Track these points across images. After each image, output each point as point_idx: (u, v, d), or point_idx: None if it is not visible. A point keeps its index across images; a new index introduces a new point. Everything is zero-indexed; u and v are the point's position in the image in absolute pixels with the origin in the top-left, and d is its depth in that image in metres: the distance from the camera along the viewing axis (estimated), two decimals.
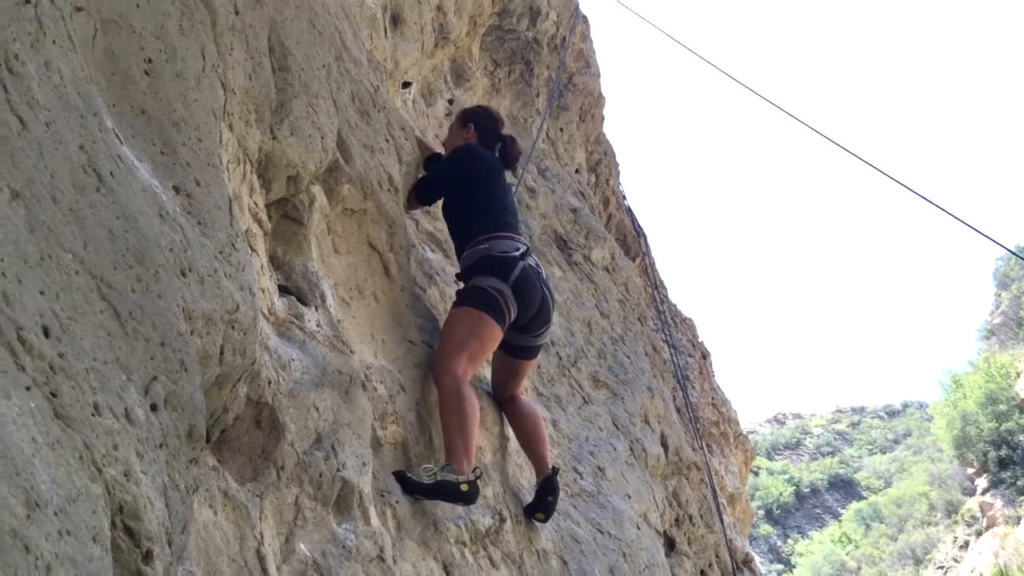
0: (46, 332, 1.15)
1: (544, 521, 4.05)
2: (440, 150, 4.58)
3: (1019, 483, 40.74)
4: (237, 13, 2.58)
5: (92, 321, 1.29)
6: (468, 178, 4.18)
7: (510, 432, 4.28)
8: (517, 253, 3.91)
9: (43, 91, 1.40)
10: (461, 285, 4.02)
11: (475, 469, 3.32)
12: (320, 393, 2.63)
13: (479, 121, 4.52)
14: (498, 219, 4.06)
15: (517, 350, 4.15)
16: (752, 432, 53.93)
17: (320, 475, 2.48)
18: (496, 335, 3.78)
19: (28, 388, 1.07)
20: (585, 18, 10.04)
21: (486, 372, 4.43)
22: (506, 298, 3.76)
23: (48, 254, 1.22)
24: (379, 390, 3.18)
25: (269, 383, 2.32)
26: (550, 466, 4.08)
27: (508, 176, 4.72)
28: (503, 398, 4.28)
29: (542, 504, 4.00)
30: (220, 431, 2.14)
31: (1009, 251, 8.85)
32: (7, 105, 1.26)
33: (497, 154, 4.47)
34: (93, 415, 1.21)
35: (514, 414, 4.21)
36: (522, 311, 3.87)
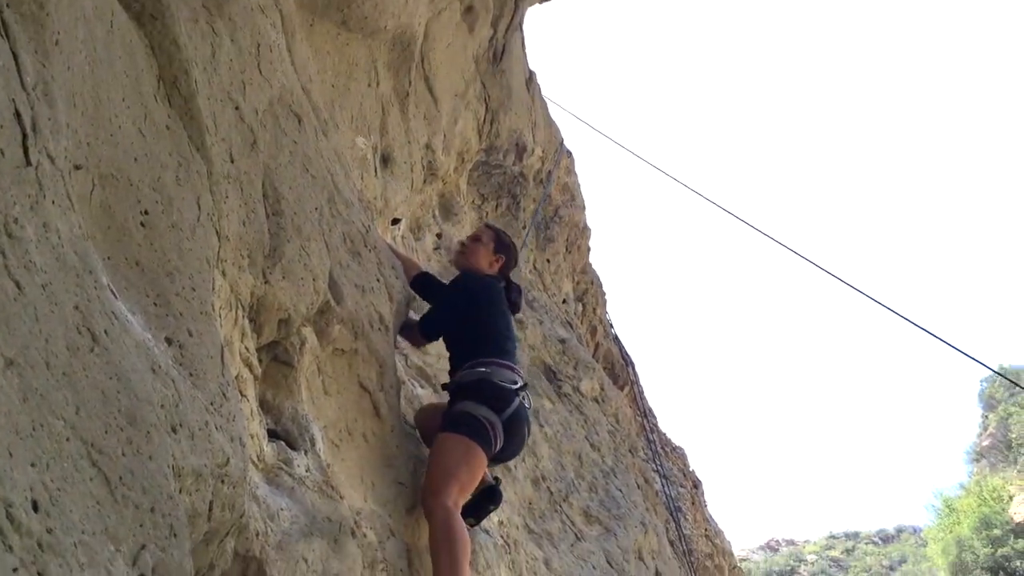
0: (35, 507, 1.11)
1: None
2: (424, 269, 4.57)
3: None
4: (233, 161, 2.62)
5: (82, 490, 1.25)
6: (474, 305, 4.14)
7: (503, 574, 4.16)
8: (515, 386, 3.88)
9: (40, 253, 1.39)
10: (445, 394, 3.97)
11: None
12: (309, 543, 2.55)
13: (510, 256, 4.54)
14: (500, 345, 4.03)
15: None
16: (745, 560, 52.62)
17: None
18: (483, 466, 3.75)
19: (15, 570, 1.03)
20: (569, 152, 10.28)
21: None
22: (496, 431, 3.71)
23: (40, 423, 1.19)
24: (369, 536, 3.10)
25: (257, 535, 2.25)
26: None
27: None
28: None
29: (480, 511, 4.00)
30: None
31: (993, 371, 8.95)
32: (4, 271, 1.25)
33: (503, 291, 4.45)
34: None
35: None
36: (505, 446, 3.81)
